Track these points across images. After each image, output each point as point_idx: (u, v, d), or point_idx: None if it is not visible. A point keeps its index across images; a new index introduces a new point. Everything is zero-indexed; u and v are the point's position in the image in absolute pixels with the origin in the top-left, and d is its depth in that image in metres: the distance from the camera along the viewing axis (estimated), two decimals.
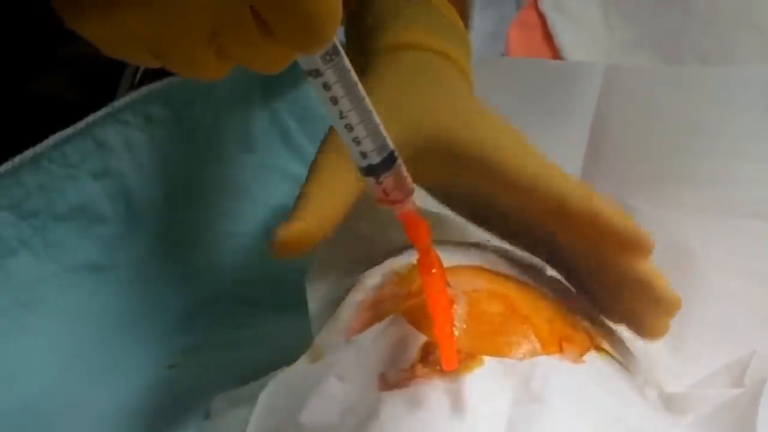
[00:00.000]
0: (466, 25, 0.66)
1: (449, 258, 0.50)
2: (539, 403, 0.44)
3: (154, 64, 0.39)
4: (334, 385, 0.46)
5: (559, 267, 0.55)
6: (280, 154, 0.80)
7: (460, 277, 0.50)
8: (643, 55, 0.83)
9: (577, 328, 0.50)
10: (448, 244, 0.52)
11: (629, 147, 0.71)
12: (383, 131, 0.43)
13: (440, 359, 0.45)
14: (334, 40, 0.40)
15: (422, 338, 0.46)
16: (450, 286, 0.48)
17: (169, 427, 0.57)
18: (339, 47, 0.40)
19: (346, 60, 0.40)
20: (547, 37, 0.84)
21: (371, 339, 0.47)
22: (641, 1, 0.86)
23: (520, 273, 0.53)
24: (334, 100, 0.41)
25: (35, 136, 0.64)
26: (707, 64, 0.80)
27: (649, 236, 0.49)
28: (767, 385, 0.48)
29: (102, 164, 0.67)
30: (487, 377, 0.45)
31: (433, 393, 0.44)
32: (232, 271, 0.70)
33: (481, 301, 0.49)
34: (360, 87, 0.41)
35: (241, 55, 0.38)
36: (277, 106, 0.82)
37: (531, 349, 0.47)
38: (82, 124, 0.66)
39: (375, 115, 0.42)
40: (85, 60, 0.70)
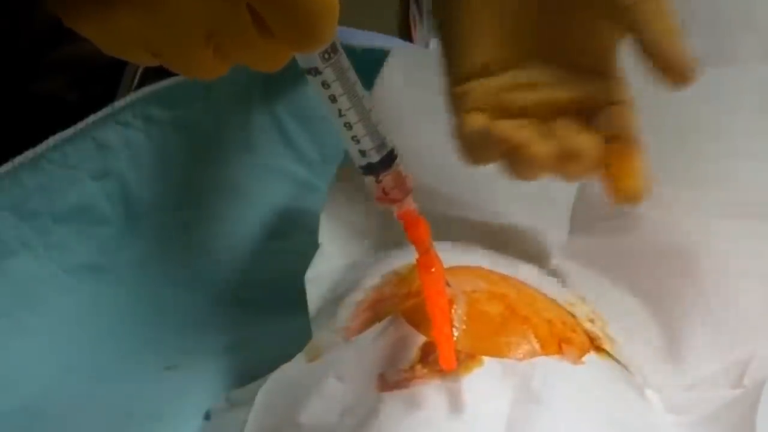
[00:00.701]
0: None
1: (449, 258, 0.50)
2: (538, 404, 0.44)
3: (152, 63, 0.39)
4: (334, 385, 0.46)
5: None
6: (279, 155, 0.80)
7: (460, 278, 0.50)
8: None
9: (577, 329, 0.50)
10: (447, 243, 0.52)
11: None
12: (382, 130, 0.43)
13: (439, 359, 0.45)
14: (333, 39, 0.40)
15: (421, 338, 0.46)
16: (450, 286, 0.48)
17: (169, 428, 0.57)
18: (338, 45, 0.40)
19: (344, 58, 0.40)
20: None
21: (371, 339, 0.47)
22: None
23: (519, 270, 0.53)
24: (333, 99, 0.41)
25: (35, 137, 0.64)
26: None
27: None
28: (767, 386, 0.48)
29: (102, 165, 0.67)
30: (487, 377, 0.45)
31: (433, 393, 0.44)
32: (232, 272, 0.70)
33: (480, 302, 0.49)
34: (359, 85, 0.41)
35: (239, 54, 0.38)
36: (277, 107, 0.82)
37: (530, 349, 0.47)
38: (82, 125, 0.66)
39: (373, 114, 0.42)
40: (85, 61, 0.70)
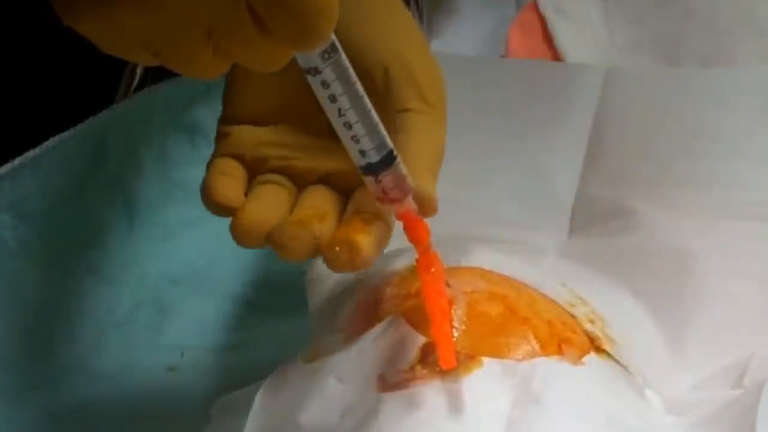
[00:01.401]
0: None
1: (448, 258, 0.50)
2: (538, 404, 0.44)
3: (152, 62, 0.39)
4: (334, 385, 0.46)
5: None
6: None
7: (460, 278, 0.50)
8: (643, 56, 0.83)
9: (577, 330, 0.50)
10: (447, 244, 0.52)
11: (629, 149, 0.71)
12: (382, 129, 0.43)
13: (439, 359, 0.45)
14: (332, 38, 0.40)
15: (421, 339, 0.46)
16: (449, 286, 0.48)
17: (170, 429, 0.57)
18: (337, 45, 0.40)
19: (344, 58, 0.40)
20: (547, 38, 0.84)
21: (371, 340, 0.47)
22: (641, 3, 0.85)
23: (519, 270, 0.53)
24: (333, 98, 0.41)
25: (35, 138, 0.64)
26: (708, 66, 0.80)
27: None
28: (766, 386, 0.48)
29: (101, 166, 0.67)
30: (486, 378, 0.45)
31: (433, 394, 0.44)
32: (232, 272, 0.70)
33: (480, 302, 0.49)
34: (359, 85, 0.41)
35: (239, 54, 0.38)
36: None
37: (530, 350, 0.47)
38: (82, 126, 0.66)
39: (374, 114, 0.42)
40: (84, 61, 0.70)
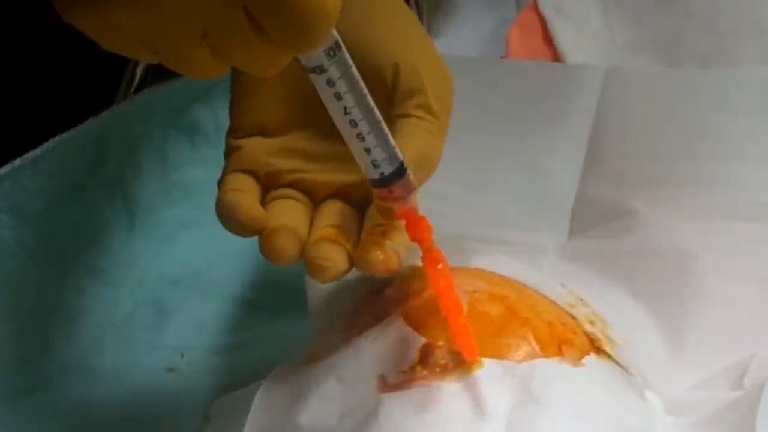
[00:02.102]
0: None
1: (448, 259, 0.50)
2: (538, 405, 0.44)
3: (152, 60, 0.39)
4: (333, 386, 0.46)
5: None
6: None
7: (460, 278, 0.50)
8: (643, 57, 0.83)
9: (577, 331, 0.50)
10: (447, 245, 0.52)
11: (629, 149, 0.71)
12: (385, 127, 0.43)
13: (439, 361, 0.45)
14: (335, 36, 0.40)
15: (422, 340, 0.46)
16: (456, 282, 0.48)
17: (169, 430, 0.57)
18: (341, 43, 0.40)
19: (347, 56, 0.41)
20: (547, 39, 0.84)
21: (371, 340, 0.47)
22: (642, 4, 0.85)
23: (519, 271, 0.53)
24: (338, 96, 0.41)
25: (35, 139, 0.65)
26: (708, 67, 0.80)
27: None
28: (766, 387, 0.48)
29: (101, 167, 0.67)
30: (486, 379, 0.45)
31: (433, 395, 0.44)
32: (232, 274, 0.70)
33: (481, 303, 0.49)
34: (362, 83, 0.42)
35: (236, 56, 0.38)
36: None
37: (530, 351, 0.47)
38: (82, 127, 0.66)
39: (377, 111, 0.42)
40: (84, 62, 0.70)
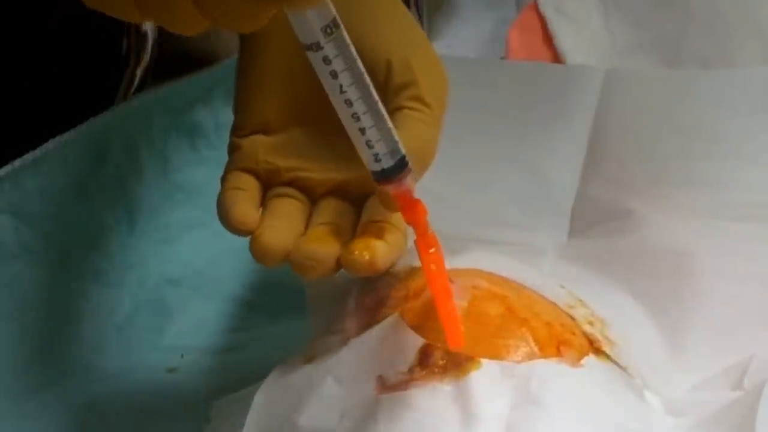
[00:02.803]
0: None
1: (448, 260, 0.50)
2: (537, 406, 0.44)
3: (139, 19, 0.39)
4: (332, 387, 0.46)
5: None
6: None
7: (461, 278, 0.50)
8: (643, 58, 0.83)
9: (576, 331, 0.50)
10: (446, 245, 0.52)
11: (629, 150, 0.71)
12: (382, 108, 0.43)
13: (438, 362, 0.45)
14: (333, 13, 0.40)
15: (420, 341, 0.46)
16: (452, 282, 0.48)
17: (170, 431, 0.57)
18: (339, 21, 0.40)
19: (345, 35, 0.41)
20: (548, 39, 0.84)
21: (370, 341, 0.47)
22: (642, 5, 0.86)
23: (518, 272, 0.53)
24: (334, 74, 0.41)
25: (35, 140, 0.65)
26: (708, 68, 0.80)
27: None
28: (766, 387, 0.48)
29: (102, 167, 0.67)
30: (485, 380, 0.45)
31: (431, 396, 0.44)
32: (233, 274, 0.70)
33: (481, 302, 0.49)
34: (359, 63, 0.41)
35: (216, 8, 0.38)
36: None
37: (529, 352, 0.47)
38: (82, 127, 0.66)
39: (374, 91, 0.42)
40: (84, 62, 0.70)
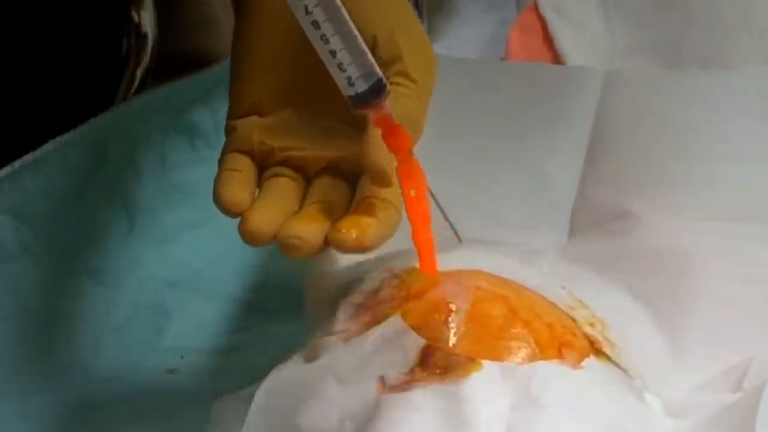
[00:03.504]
0: None
1: (447, 261, 0.50)
2: (538, 408, 0.44)
3: None
4: (333, 387, 0.46)
5: None
6: None
7: (464, 279, 0.50)
8: (643, 59, 0.83)
9: (577, 333, 0.50)
10: (446, 246, 0.52)
11: (629, 151, 0.71)
12: (355, 31, 0.42)
13: (439, 363, 0.45)
14: None
15: (421, 341, 0.46)
16: (457, 283, 0.48)
17: (170, 431, 0.57)
18: None
19: None
20: (548, 41, 0.84)
21: (370, 341, 0.47)
22: (642, 6, 0.86)
23: (519, 273, 0.53)
24: (316, 25, 0.41)
25: (35, 140, 0.65)
26: (708, 69, 0.80)
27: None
28: (766, 389, 0.48)
29: (101, 168, 0.67)
30: (486, 381, 0.45)
31: (432, 396, 0.44)
32: (232, 275, 0.70)
33: (483, 303, 0.49)
34: (344, 11, 0.41)
35: None
36: None
37: (530, 353, 0.47)
38: (82, 128, 0.66)
39: (345, 14, 0.42)
40: (83, 63, 0.70)
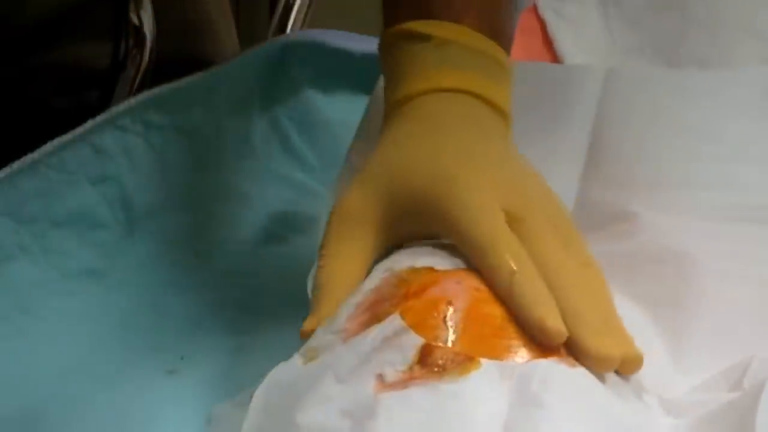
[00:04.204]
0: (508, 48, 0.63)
1: (447, 261, 0.50)
2: (537, 406, 0.44)
3: None
4: (332, 385, 0.46)
5: None
6: (279, 161, 0.80)
7: (462, 278, 0.50)
8: (643, 59, 0.83)
9: None
10: (446, 247, 0.52)
11: (629, 152, 0.71)
12: None
13: (437, 361, 0.45)
14: None
15: (420, 340, 0.46)
16: (456, 283, 0.48)
17: None
18: None
19: None
20: (547, 41, 0.84)
21: (369, 340, 0.47)
22: (641, 6, 0.86)
23: None
24: None
25: (33, 142, 0.65)
26: (707, 69, 0.80)
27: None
28: (766, 387, 0.48)
29: (100, 170, 0.68)
30: (485, 380, 0.44)
31: (431, 395, 0.44)
32: (232, 276, 0.70)
33: (482, 303, 0.49)
34: None
35: None
36: (277, 113, 0.82)
37: (529, 352, 0.47)
38: (80, 130, 0.66)
39: None
40: (82, 66, 0.70)
